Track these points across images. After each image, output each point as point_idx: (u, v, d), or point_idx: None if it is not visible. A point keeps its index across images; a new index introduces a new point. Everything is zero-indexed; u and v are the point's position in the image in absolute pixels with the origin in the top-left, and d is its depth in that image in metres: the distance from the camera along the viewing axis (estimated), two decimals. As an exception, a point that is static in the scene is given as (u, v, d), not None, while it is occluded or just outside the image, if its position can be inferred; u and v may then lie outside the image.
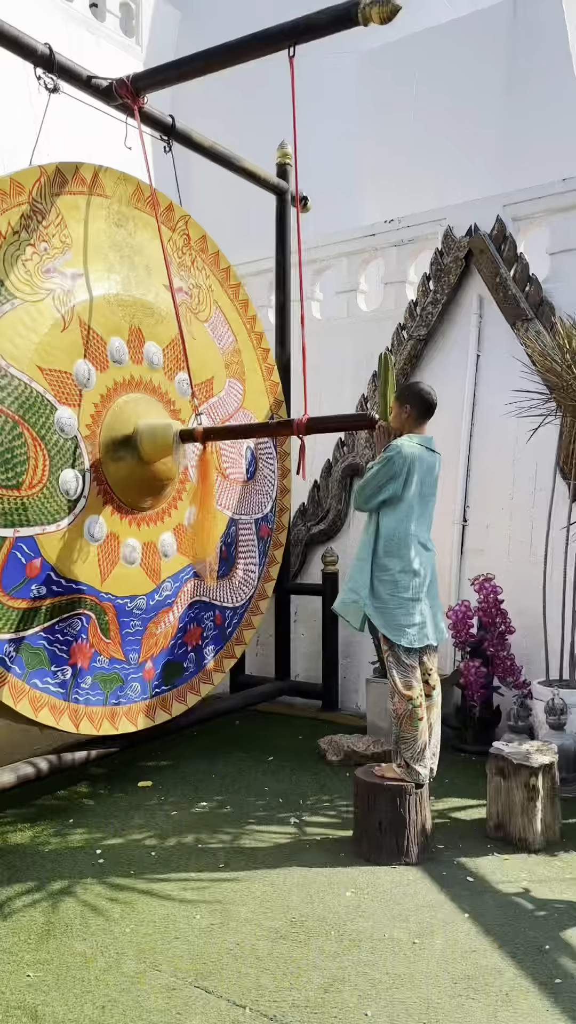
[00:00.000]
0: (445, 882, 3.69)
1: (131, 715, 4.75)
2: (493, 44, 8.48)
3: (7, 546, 4.03)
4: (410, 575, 3.94)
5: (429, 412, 4.09)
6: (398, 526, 3.95)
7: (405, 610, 3.94)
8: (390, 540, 3.95)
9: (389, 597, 3.95)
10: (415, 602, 3.95)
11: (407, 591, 3.94)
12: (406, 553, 3.94)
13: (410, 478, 3.93)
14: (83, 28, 8.35)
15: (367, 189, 9.16)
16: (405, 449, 3.93)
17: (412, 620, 3.95)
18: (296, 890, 3.61)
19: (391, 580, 3.95)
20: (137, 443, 4.59)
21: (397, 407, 4.10)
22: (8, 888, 3.64)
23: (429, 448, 4.06)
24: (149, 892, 3.60)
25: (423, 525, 4.04)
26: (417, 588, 3.96)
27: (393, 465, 3.90)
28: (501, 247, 6.00)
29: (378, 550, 3.98)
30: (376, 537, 4.00)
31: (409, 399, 4.07)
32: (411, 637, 3.94)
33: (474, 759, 5.26)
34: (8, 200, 4.16)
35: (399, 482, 3.92)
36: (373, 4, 4.02)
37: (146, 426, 4.61)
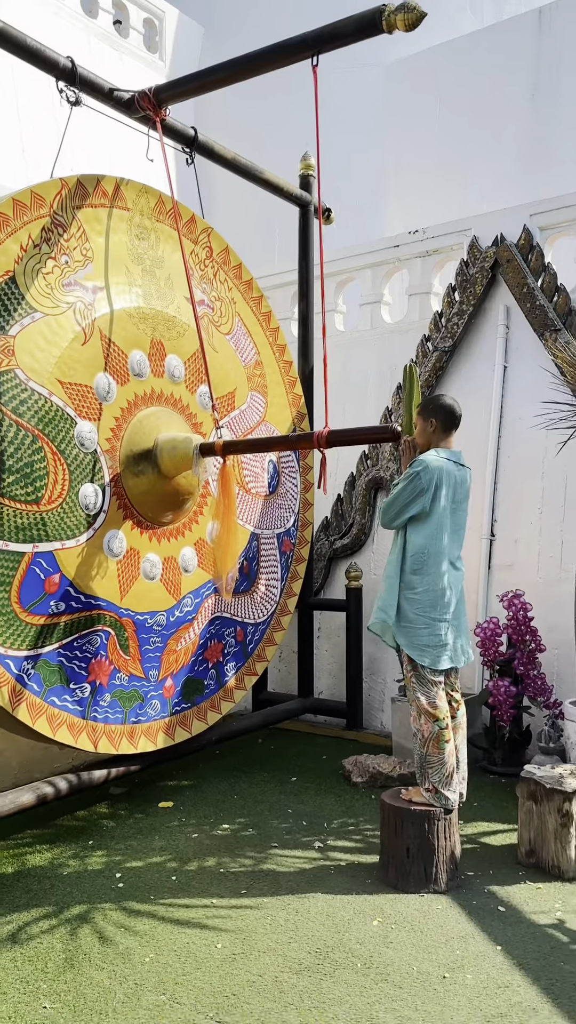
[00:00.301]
0: (476, 912, 3.56)
1: (151, 733, 4.66)
2: (518, 54, 8.41)
3: (26, 562, 3.97)
4: (438, 594, 3.83)
5: (454, 424, 3.99)
6: (427, 543, 3.84)
7: (431, 630, 3.83)
8: (418, 557, 3.85)
9: (415, 616, 3.84)
10: (442, 622, 3.84)
11: (434, 610, 3.83)
12: (435, 571, 3.83)
13: (438, 493, 3.83)
14: (106, 44, 8.38)
15: (391, 200, 9.10)
16: (432, 463, 3.83)
17: (437, 641, 3.84)
18: (321, 918, 3.49)
19: (417, 599, 3.84)
20: (157, 457, 4.52)
21: (421, 421, 4.00)
22: (26, 913, 3.56)
23: (458, 462, 3.96)
24: (169, 919, 3.50)
25: (455, 543, 3.93)
26: (444, 608, 3.85)
27: (420, 481, 3.80)
28: (528, 257, 5.90)
29: (405, 568, 3.87)
30: (403, 554, 3.90)
31: (433, 412, 3.97)
32: (435, 658, 3.83)
33: (503, 781, 5.11)
34: (29, 213, 4.12)
35: (426, 498, 3.81)
36: (398, 11, 3.95)
37: (166, 440, 4.54)
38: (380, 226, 8.89)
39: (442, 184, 8.71)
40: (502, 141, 8.44)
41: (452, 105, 8.79)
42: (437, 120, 8.87)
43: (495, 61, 8.54)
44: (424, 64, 8.94)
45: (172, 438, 4.55)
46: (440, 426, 3.96)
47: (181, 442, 4.50)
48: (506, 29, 8.60)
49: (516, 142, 8.36)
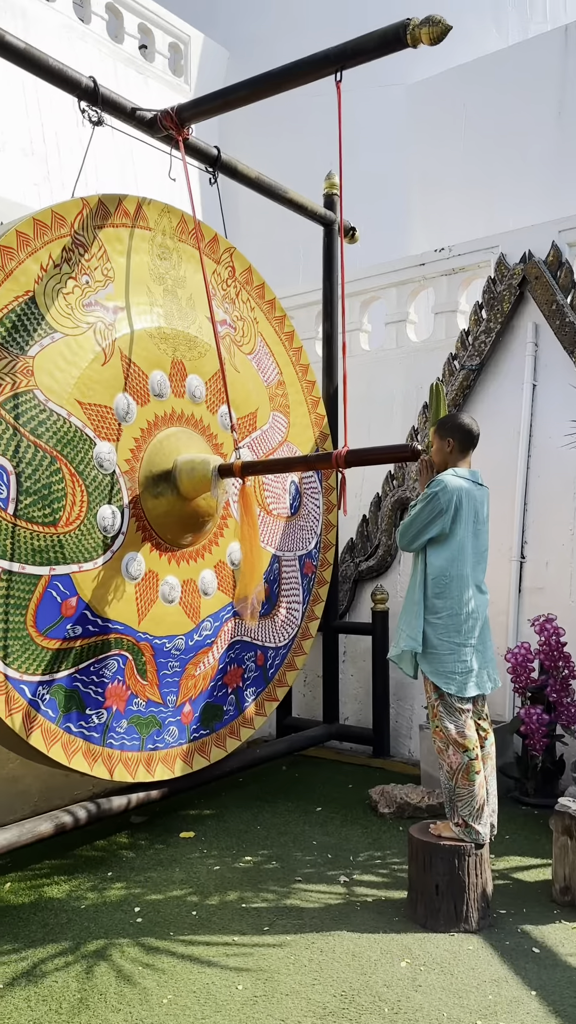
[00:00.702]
0: (508, 953, 3.39)
1: (168, 761, 4.55)
2: (544, 71, 8.35)
3: (42, 584, 3.89)
4: (462, 618, 3.70)
5: (472, 444, 3.87)
6: (449, 566, 3.72)
7: (456, 656, 3.70)
8: (439, 581, 3.72)
9: (439, 642, 3.71)
10: (466, 648, 3.71)
11: (458, 635, 3.70)
12: (458, 595, 3.71)
13: (458, 514, 3.70)
14: (132, 68, 8.44)
15: (415, 219, 9.05)
16: (450, 483, 3.70)
17: (463, 667, 3.70)
18: (346, 958, 3.35)
19: (441, 624, 3.71)
20: (176, 479, 4.45)
21: (438, 441, 3.88)
22: (42, 948, 3.45)
23: (476, 482, 3.83)
24: (189, 957, 3.37)
25: (478, 565, 3.80)
26: (469, 632, 3.71)
27: (438, 501, 3.68)
28: (557, 273, 5.79)
29: (428, 592, 3.75)
30: (424, 578, 3.77)
31: (450, 431, 3.85)
32: (461, 685, 3.69)
33: (536, 813, 4.93)
34: (50, 233, 4.09)
35: (446, 519, 3.69)
36: (423, 25, 3.88)
37: (185, 461, 4.47)
38: (405, 245, 8.83)
39: (467, 202, 8.65)
40: (528, 159, 8.36)
41: (477, 123, 8.74)
42: (462, 138, 8.82)
43: (520, 79, 8.49)
44: (449, 83, 8.92)
45: (191, 459, 4.47)
46: (457, 446, 3.84)
47: (200, 463, 4.43)
48: (531, 47, 8.55)
49: (542, 160, 8.28)
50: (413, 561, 3.87)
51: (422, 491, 3.84)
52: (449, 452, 3.85)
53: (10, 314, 3.85)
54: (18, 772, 4.74)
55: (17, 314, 3.88)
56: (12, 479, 3.78)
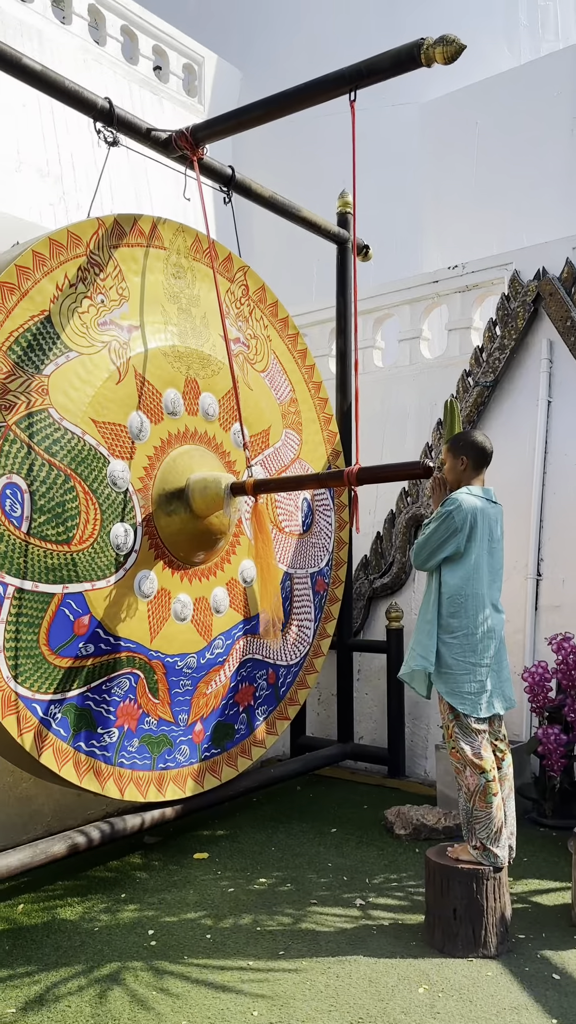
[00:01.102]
0: (528, 979, 3.33)
1: (179, 780, 4.52)
2: (557, 90, 8.36)
3: (55, 603, 3.89)
4: (477, 638, 3.66)
5: (486, 462, 3.85)
6: (464, 585, 3.68)
7: (471, 676, 3.65)
8: (455, 600, 3.68)
9: (455, 662, 3.67)
10: (481, 667, 3.66)
11: (474, 654, 3.66)
12: (473, 614, 3.67)
13: (474, 533, 3.67)
14: (146, 90, 8.52)
15: (429, 236, 9.06)
16: (464, 502, 3.67)
17: (477, 687, 3.66)
18: (363, 984, 3.29)
19: (456, 643, 3.67)
20: (188, 497, 4.45)
21: (451, 458, 3.85)
22: (54, 972, 3.41)
23: (490, 500, 3.80)
24: (203, 981, 3.33)
25: (494, 584, 3.77)
26: (484, 652, 3.67)
27: (452, 520, 3.65)
28: (571, 290, 5.77)
29: (442, 611, 3.71)
30: (439, 597, 3.73)
31: (464, 449, 3.82)
32: (476, 705, 3.64)
33: (554, 834, 4.86)
34: (65, 252, 4.11)
35: (460, 537, 3.66)
36: (437, 44, 3.89)
37: (197, 479, 4.47)
38: (418, 262, 8.84)
39: (480, 220, 8.66)
40: (541, 176, 8.37)
41: (490, 142, 8.76)
42: (475, 157, 8.84)
43: (533, 98, 8.51)
44: (461, 102, 8.95)
45: (203, 478, 4.47)
46: (471, 463, 3.81)
47: (212, 482, 4.42)
48: (543, 66, 8.57)
49: (555, 177, 8.28)
50: (427, 579, 3.84)
51: (435, 510, 3.81)
52: (463, 470, 3.82)
53: (26, 333, 3.87)
54: (31, 792, 4.71)
55: (33, 333, 3.90)
56: (26, 497, 3.78)
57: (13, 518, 3.73)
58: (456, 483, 3.85)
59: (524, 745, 5.20)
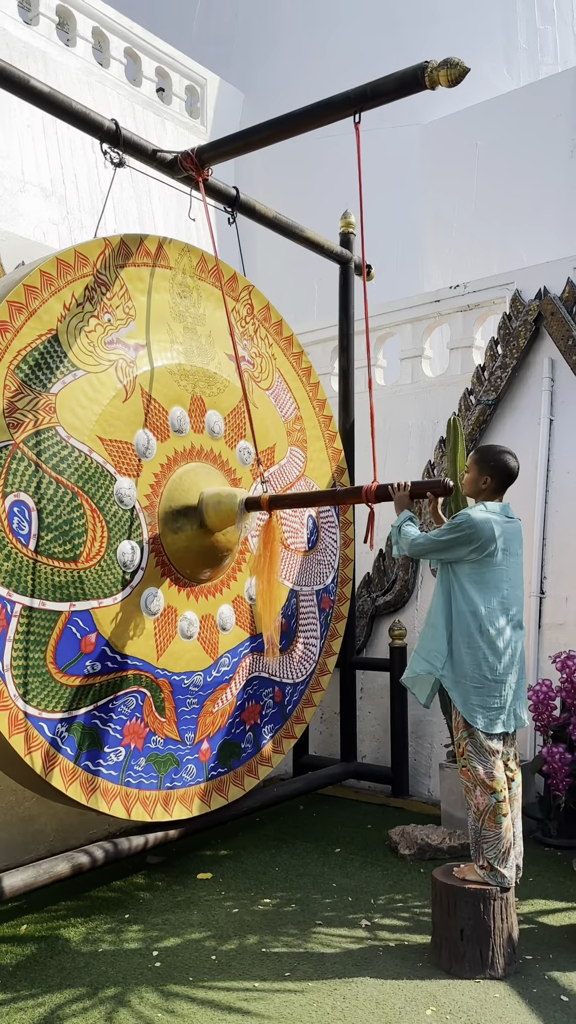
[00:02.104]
0: (536, 1001, 3.30)
1: (186, 800, 4.49)
2: (556, 111, 8.47)
3: (62, 621, 3.88)
4: (498, 654, 3.63)
5: (510, 483, 3.81)
6: (489, 600, 3.63)
7: (487, 690, 3.62)
8: (478, 615, 3.62)
9: (472, 672, 3.62)
10: (504, 684, 3.64)
11: (492, 671, 3.62)
12: (499, 629, 3.62)
13: (495, 547, 3.62)
14: (150, 111, 8.61)
15: (430, 256, 9.14)
16: (475, 517, 3.63)
17: (495, 702, 3.63)
18: (370, 1006, 3.26)
19: (473, 656, 3.62)
20: (202, 512, 4.45)
21: (476, 472, 3.76)
22: (59, 994, 3.38)
23: (508, 516, 3.78)
24: (209, 1002, 3.30)
25: (516, 600, 3.74)
26: (507, 669, 3.64)
27: (464, 533, 3.61)
28: (572, 309, 5.82)
29: (460, 621, 3.65)
30: (450, 603, 3.68)
31: (492, 470, 3.73)
32: (490, 720, 3.62)
33: (560, 854, 4.84)
34: (73, 272, 4.14)
35: (463, 551, 3.62)
36: (440, 67, 3.95)
37: (211, 495, 4.48)
38: (419, 282, 8.91)
39: (481, 240, 8.74)
40: (541, 197, 8.46)
41: (490, 163, 8.85)
42: (475, 177, 8.94)
43: (532, 119, 8.62)
44: (462, 123, 9.06)
45: (217, 492, 4.48)
46: (494, 485, 3.76)
47: (226, 497, 4.43)
48: (543, 88, 8.69)
49: (555, 197, 8.37)
50: (439, 586, 3.77)
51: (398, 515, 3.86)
52: (484, 488, 3.76)
53: (33, 352, 3.89)
54: (34, 811, 4.69)
55: (40, 352, 3.92)
56: (34, 515, 3.79)
57: (21, 536, 3.74)
58: (474, 496, 3.82)
59: (529, 764, 5.18)
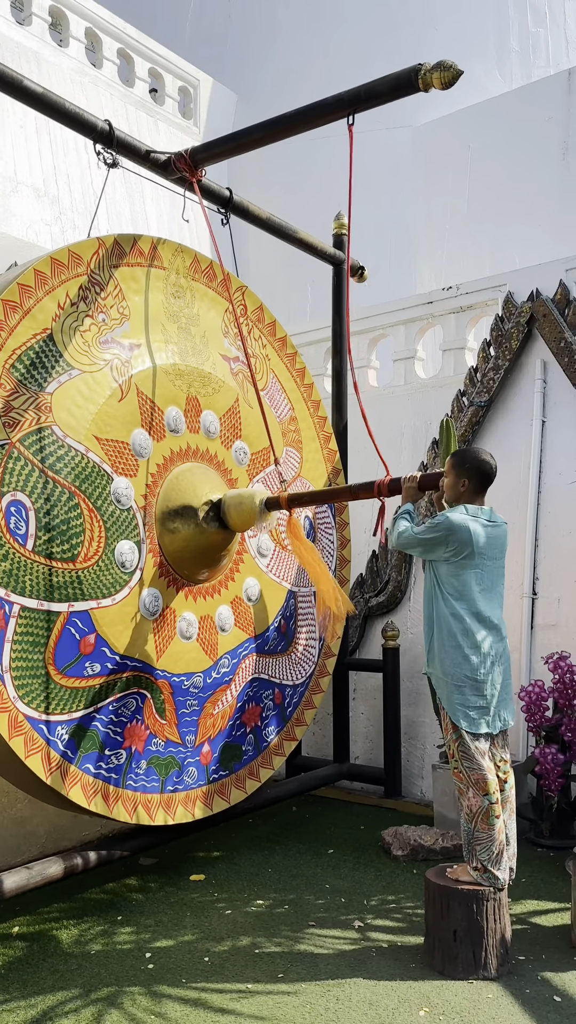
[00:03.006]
0: (529, 1002, 3.31)
1: (188, 803, 4.47)
2: (548, 114, 8.50)
3: (61, 622, 3.87)
4: (480, 654, 3.66)
5: (488, 484, 3.82)
6: (468, 601, 3.67)
7: (470, 689, 3.65)
8: (456, 616, 3.66)
9: (453, 671, 3.67)
10: (482, 683, 3.66)
11: (474, 671, 3.65)
12: (476, 631, 3.67)
13: (473, 551, 3.65)
14: (142, 112, 8.60)
15: (423, 258, 9.15)
16: (455, 520, 3.66)
17: (476, 702, 3.65)
18: (363, 1007, 3.27)
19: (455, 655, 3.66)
20: (224, 513, 4.51)
21: (453, 476, 3.79)
22: (51, 996, 3.37)
23: (491, 520, 3.78)
24: (201, 1004, 3.29)
25: (496, 602, 3.76)
26: (491, 670, 3.67)
27: (442, 533, 3.67)
28: (565, 311, 5.83)
29: (442, 622, 3.70)
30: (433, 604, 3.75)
31: (468, 472, 3.76)
32: (471, 721, 3.64)
33: (552, 855, 4.85)
34: (67, 272, 4.13)
35: (439, 552, 3.68)
36: (434, 69, 3.96)
37: (232, 496, 4.55)
38: (412, 283, 8.92)
39: (474, 242, 8.76)
40: (534, 199, 8.48)
41: (483, 165, 8.88)
42: (468, 179, 8.96)
43: (525, 122, 8.64)
44: (454, 125, 9.07)
45: (238, 494, 4.55)
46: (472, 487, 3.77)
47: (247, 497, 4.50)
48: (536, 91, 8.71)
49: (548, 199, 8.39)
50: (427, 588, 3.83)
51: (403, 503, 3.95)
52: (463, 491, 3.78)
53: (28, 351, 3.88)
54: (26, 813, 4.67)
55: (35, 351, 3.91)
56: (31, 515, 3.77)
57: (18, 536, 3.72)
58: (454, 501, 3.83)
59: (521, 765, 5.19)
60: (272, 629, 5.10)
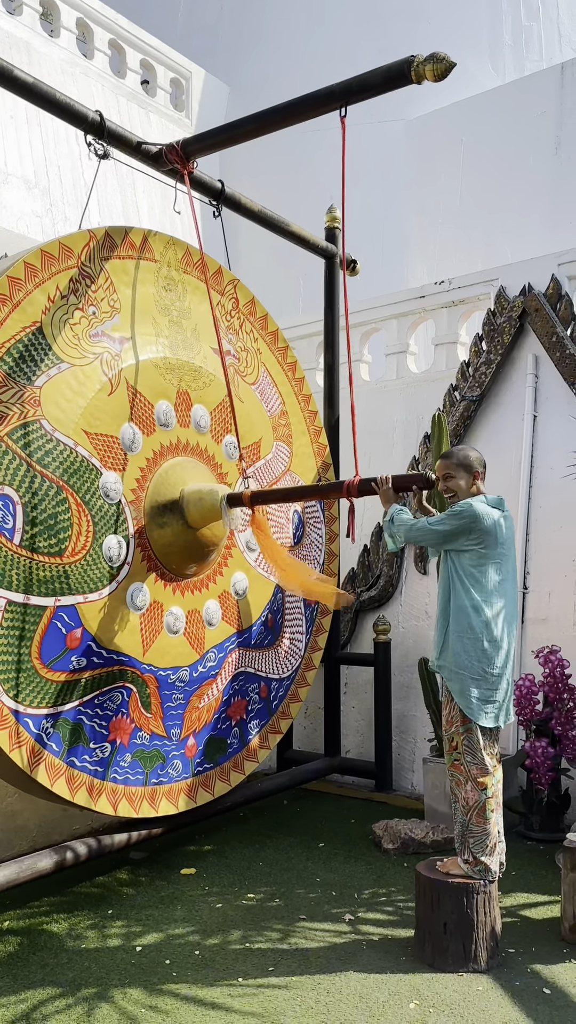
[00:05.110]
0: (519, 994, 3.32)
1: (172, 795, 4.48)
2: (541, 108, 8.48)
3: (47, 616, 3.85)
4: (498, 648, 3.63)
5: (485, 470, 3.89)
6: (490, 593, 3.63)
7: (488, 684, 3.61)
8: (477, 608, 3.62)
9: (472, 664, 3.61)
10: (499, 678, 3.64)
11: (492, 665, 3.62)
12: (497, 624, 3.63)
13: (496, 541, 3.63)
14: (134, 103, 8.55)
15: (415, 252, 9.13)
16: (479, 509, 3.63)
17: (492, 696, 3.63)
18: (353, 1000, 3.27)
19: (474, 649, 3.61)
20: (183, 509, 4.43)
21: (464, 474, 3.76)
22: (41, 990, 3.36)
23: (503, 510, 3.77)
24: (192, 999, 3.29)
25: (512, 594, 3.75)
26: (505, 663, 3.66)
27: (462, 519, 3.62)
28: (556, 306, 5.83)
29: (460, 614, 3.64)
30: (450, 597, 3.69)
31: (478, 463, 3.79)
32: (487, 715, 3.62)
33: (542, 848, 4.87)
34: (57, 264, 4.11)
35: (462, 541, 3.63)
36: (427, 62, 3.94)
37: (191, 491, 4.45)
38: (404, 277, 8.91)
39: (466, 236, 8.74)
40: (526, 193, 8.47)
41: (475, 158, 8.86)
42: (461, 173, 8.94)
43: (518, 116, 8.62)
44: (447, 119, 9.05)
45: (198, 489, 4.46)
46: (482, 477, 3.81)
47: (207, 493, 4.41)
48: (528, 85, 8.69)
49: (540, 194, 8.38)
50: (440, 577, 3.80)
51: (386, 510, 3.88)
52: (477, 482, 3.78)
53: (17, 344, 3.86)
54: (16, 807, 4.66)
55: (24, 344, 3.88)
56: (18, 509, 3.76)
57: (5, 530, 3.70)
58: (467, 496, 3.78)
59: (512, 758, 5.21)
60: (259, 623, 5.10)
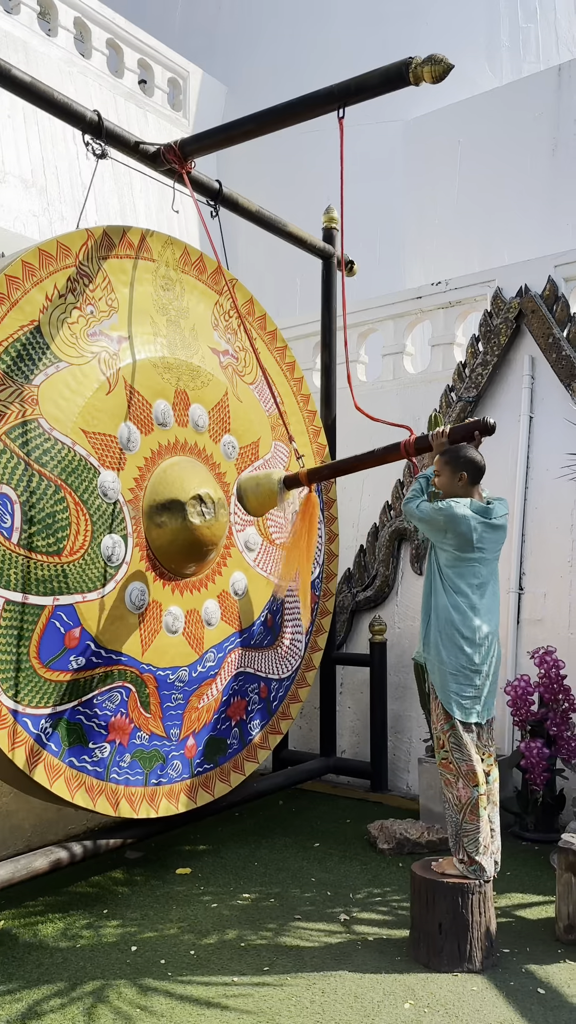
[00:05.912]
0: (514, 994, 3.33)
1: (172, 796, 4.47)
2: (538, 109, 8.51)
3: (45, 615, 3.85)
4: (475, 645, 3.69)
5: (481, 477, 3.89)
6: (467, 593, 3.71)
7: (464, 678, 3.68)
8: (455, 607, 3.70)
9: (449, 659, 3.69)
10: (476, 673, 3.69)
11: (470, 660, 3.68)
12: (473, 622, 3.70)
13: (471, 542, 3.69)
14: (132, 103, 8.55)
15: (412, 253, 9.15)
16: (456, 511, 3.71)
17: (468, 691, 3.69)
18: (348, 1000, 3.28)
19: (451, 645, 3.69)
20: (242, 498, 4.43)
21: (449, 473, 3.84)
22: (36, 990, 3.36)
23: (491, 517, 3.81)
24: (187, 998, 3.30)
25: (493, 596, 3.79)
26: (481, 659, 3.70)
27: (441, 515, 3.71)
28: (553, 307, 5.85)
29: (441, 611, 3.73)
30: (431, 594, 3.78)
31: (464, 465, 3.83)
32: (464, 710, 3.68)
33: (537, 848, 4.88)
34: (55, 263, 4.10)
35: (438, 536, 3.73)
36: (425, 63, 3.94)
37: (247, 479, 4.46)
38: (401, 278, 8.92)
39: (463, 237, 8.76)
40: (523, 195, 8.49)
41: (473, 160, 8.88)
42: (458, 174, 8.96)
43: (515, 117, 8.64)
44: (444, 120, 9.07)
45: (253, 476, 4.48)
46: (468, 479, 3.84)
47: (264, 479, 4.41)
48: (525, 86, 8.72)
49: (537, 195, 8.41)
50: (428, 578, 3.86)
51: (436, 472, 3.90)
52: (460, 485, 3.83)
53: (15, 343, 3.85)
54: (11, 807, 4.66)
55: (22, 343, 3.88)
56: (16, 508, 3.75)
57: (3, 529, 3.70)
58: (452, 495, 3.85)
59: (507, 759, 5.22)
60: (258, 623, 5.10)
